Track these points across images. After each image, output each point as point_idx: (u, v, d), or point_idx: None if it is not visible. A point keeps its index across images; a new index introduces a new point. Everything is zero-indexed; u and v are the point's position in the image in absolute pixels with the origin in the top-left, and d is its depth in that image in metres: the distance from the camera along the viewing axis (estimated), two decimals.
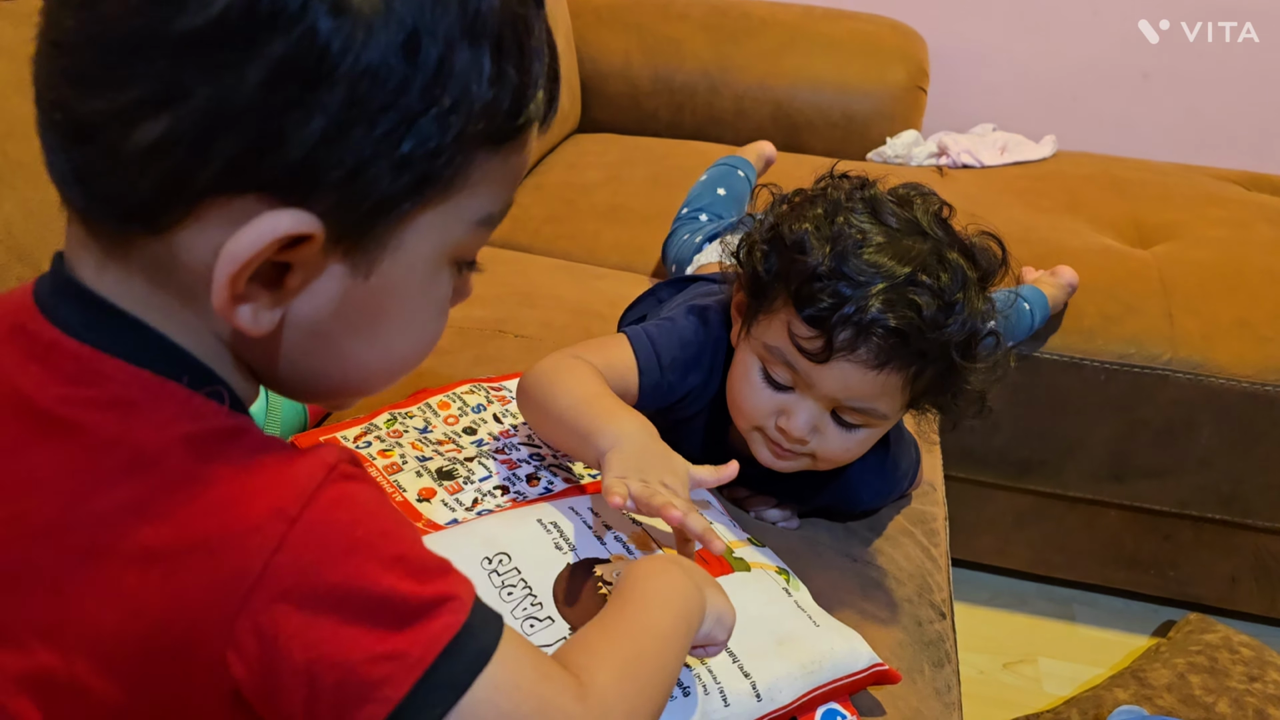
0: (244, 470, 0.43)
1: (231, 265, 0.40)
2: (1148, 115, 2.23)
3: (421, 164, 0.41)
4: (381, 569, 0.43)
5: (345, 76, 0.39)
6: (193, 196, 0.40)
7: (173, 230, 0.41)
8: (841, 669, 0.76)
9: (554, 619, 0.73)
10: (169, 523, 0.42)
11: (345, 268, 0.43)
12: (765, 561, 0.85)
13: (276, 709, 0.43)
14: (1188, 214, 1.80)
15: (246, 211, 0.40)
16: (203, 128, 0.39)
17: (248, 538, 0.41)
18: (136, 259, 0.43)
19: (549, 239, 1.64)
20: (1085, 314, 1.52)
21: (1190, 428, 1.50)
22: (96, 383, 0.43)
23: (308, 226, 0.40)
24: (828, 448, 0.88)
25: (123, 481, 0.42)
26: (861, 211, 0.85)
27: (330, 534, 0.42)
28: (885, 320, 0.79)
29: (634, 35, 2.08)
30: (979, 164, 1.98)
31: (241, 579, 0.41)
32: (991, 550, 1.70)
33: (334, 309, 0.44)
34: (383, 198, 0.41)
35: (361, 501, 0.44)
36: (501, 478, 0.88)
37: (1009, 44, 2.24)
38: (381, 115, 0.40)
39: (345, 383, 0.49)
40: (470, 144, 0.43)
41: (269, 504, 0.42)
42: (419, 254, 0.44)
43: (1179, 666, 1.46)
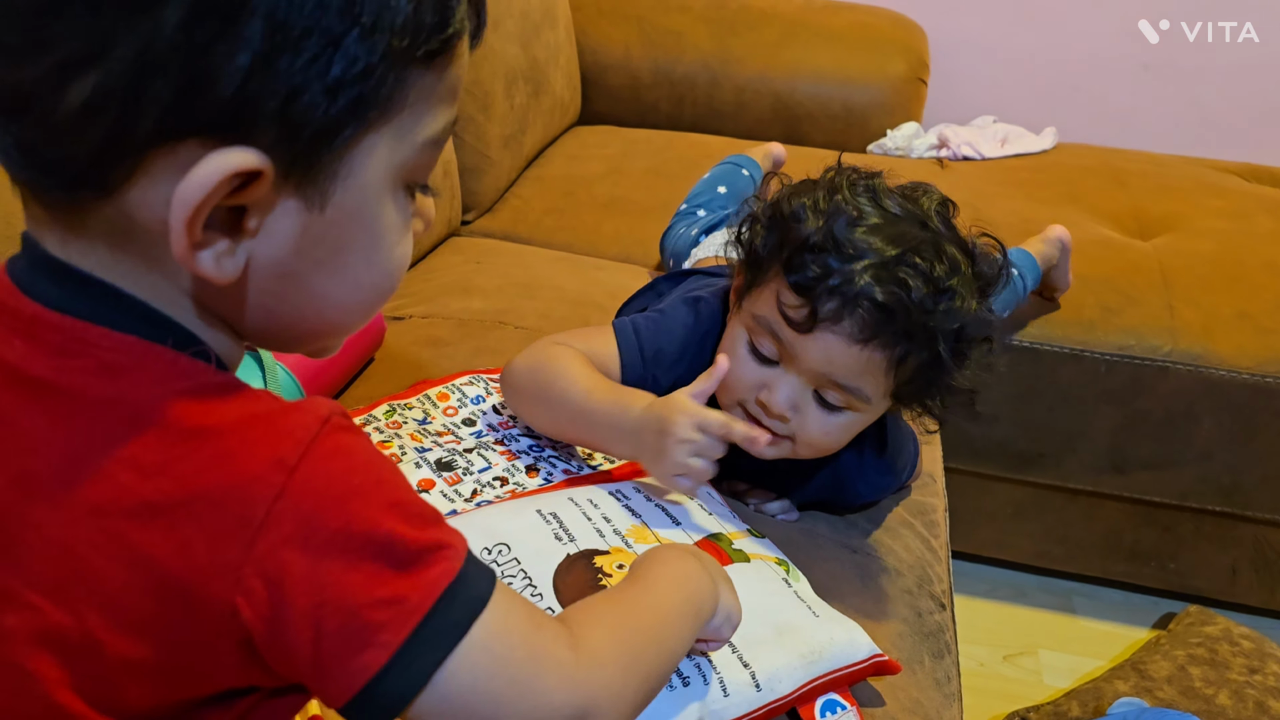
0: (240, 423, 0.43)
1: (184, 209, 0.40)
2: (1148, 107, 2.23)
3: (354, 86, 0.42)
4: (380, 514, 0.44)
5: (261, 4, 0.39)
6: (134, 151, 0.40)
7: (122, 190, 0.41)
8: (841, 659, 0.76)
9: (554, 609, 0.73)
10: (169, 476, 0.42)
11: (299, 202, 0.44)
12: (765, 553, 0.85)
13: (284, 655, 0.43)
14: (1188, 206, 1.79)
15: (191, 157, 0.40)
16: (131, 79, 0.39)
17: (249, 487, 0.42)
18: (94, 226, 0.43)
19: (549, 230, 1.64)
20: (1085, 305, 1.52)
21: (1190, 419, 1.50)
22: (84, 352, 0.44)
23: (255, 162, 0.41)
24: (807, 429, 0.87)
25: (121, 439, 0.43)
26: (863, 194, 0.85)
27: (329, 481, 0.43)
28: (872, 293, 0.79)
29: (634, 27, 2.07)
30: (979, 156, 1.98)
31: (245, 527, 0.42)
32: (991, 542, 1.70)
33: (294, 245, 0.44)
34: (322, 125, 0.42)
35: (356, 451, 0.45)
36: (500, 469, 0.88)
37: (1009, 36, 2.23)
38: (304, 40, 0.40)
39: (322, 321, 0.49)
40: (399, 62, 0.43)
41: (268, 454, 0.42)
42: (370, 179, 0.45)
43: (1179, 659, 1.46)
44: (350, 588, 0.43)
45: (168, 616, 0.43)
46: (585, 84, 2.08)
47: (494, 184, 1.69)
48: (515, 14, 1.72)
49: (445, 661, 0.45)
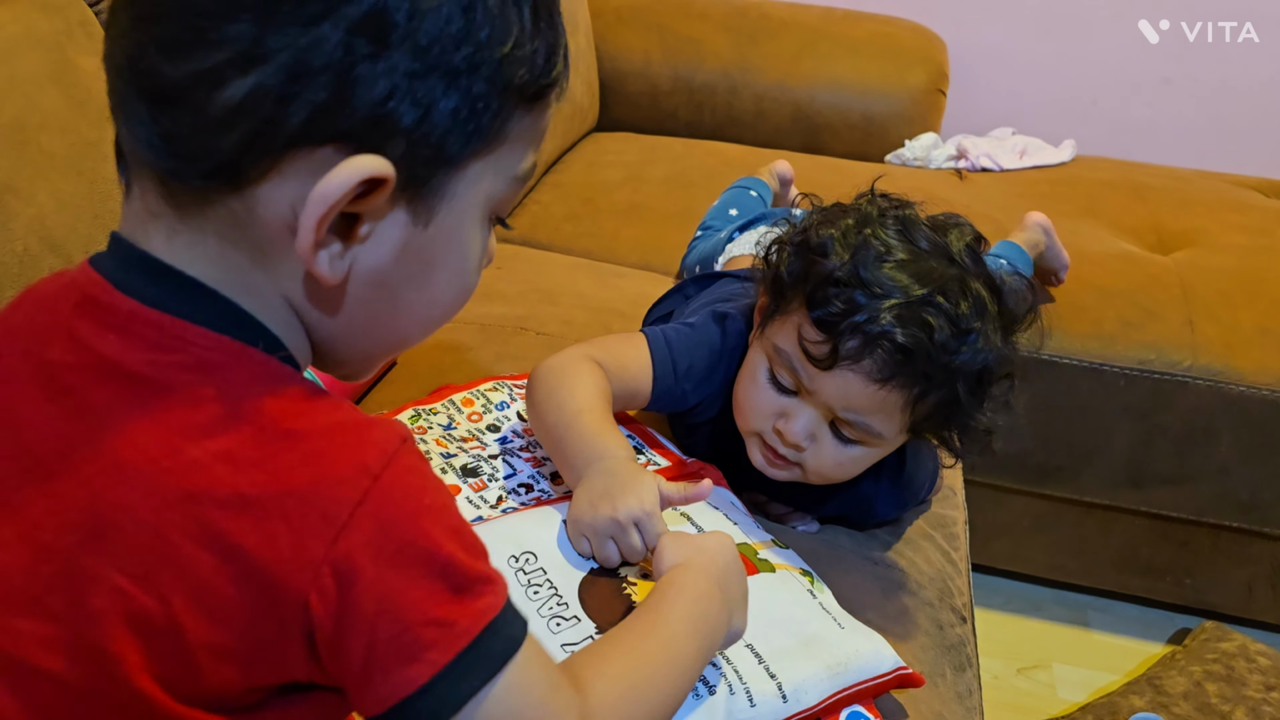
0: (330, 428, 0.46)
1: (321, 207, 0.43)
2: (1167, 120, 2.23)
3: (475, 116, 0.45)
4: (445, 536, 0.46)
5: (414, 32, 0.43)
6: (276, 150, 0.43)
7: (254, 185, 0.44)
8: (867, 671, 0.76)
9: (580, 618, 0.73)
10: (262, 471, 0.44)
11: (408, 216, 0.47)
12: (789, 563, 0.85)
13: (338, 655, 0.45)
14: (1208, 220, 1.79)
15: (326, 162, 0.43)
16: (285, 84, 0.42)
17: (337, 488, 0.44)
18: (212, 218, 0.45)
19: (569, 237, 1.64)
20: (1105, 319, 1.52)
21: (1209, 435, 1.50)
22: (180, 348, 0.46)
23: (386, 170, 0.44)
24: (821, 460, 0.87)
25: (216, 432, 0.45)
26: (892, 227, 0.84)
27: (407, 495, 0.46)
28: (894, 334, 0.78)
29: (654, 35, 2.08)
30: (998, 167, 1.98)
31: (329, 525, 0.44)
32: (1007, 555, 1.69)
33: (395, 257, 0.47)
34: (443, 146, 0.45)
35: (427, 473, 0.48)
36: (525, 475, 0.89)
37: (1029, 47, 2.23)
38: (442, 68, 0.44)
39: (395, 335, 0.52)
40: (512, 99, 0.47)
41: (355, 460, 0.45)
42: (469, 204, 0.48)
43: (1195, 674, 1.45)
44: (409, 601, 0.45)
45: (248, 604, 0.44)
46: (604, 91, 2.09)
47: None
48: None
49: (480, 691, 0.46)
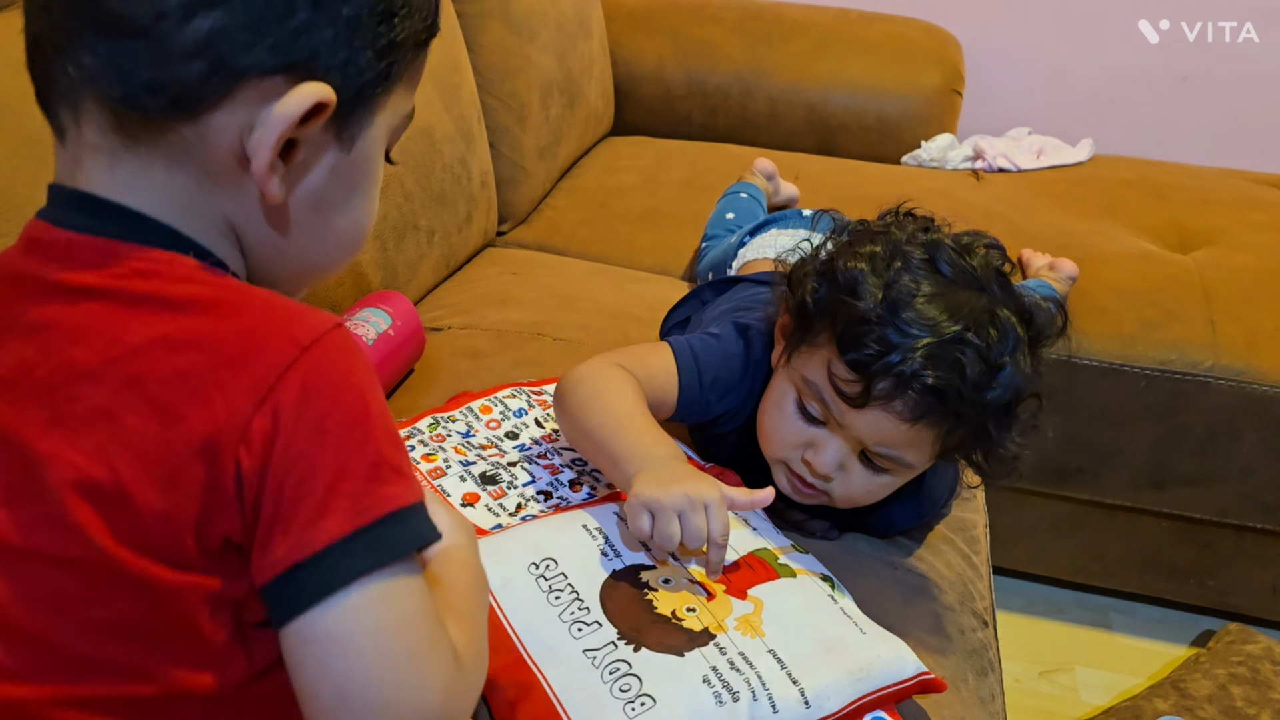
0: (262, 309, 0.50)
1: (281, 125, 0.48)
2: (1185, 119, 2.21)
3: (390, 53, 0.52)
4: (367, 413, 0.49)
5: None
6: (231, 80, 0.47)
7: (208, 112, 0.48)
8: (889, 677, 0.76)
9: (601, 623, 0.73)
10: (197, 348, 0.48)
11: (335, 143, 0.52)
12: (809, 569, 0.84)
13: (256, 507, 0.48)
14: (1228, 219, 1.78)
15: (275, 90, 0.48)
16: (246, 20, 0.47)
17: (268, 354, 0.48)
18: (162, 145, 0.49)
19: (584, 242, 1.64)
20: (1125, 320, 1.51)
21: (1232, 435, 1.48)
22: (116, 262, 0.50)
23: (330, 96, 0.49)
24: (851, 488, 0.88)
25: (155, 321, 0.49)
26: (919, 258, 0.83)
27: (334, 367, 0.49)
28: (925, 378, 0.78)
29: (668, 38, 2.08)
30: (1015, 168, 1.97)
31: (259, 387, 0.47)
32: (1028, 558, 1.68)
33: (325, 180, 0.53)
34: (368, 80, 0.51)
35: (358, 357, 0.51)
36: (544, 483, 0.88)
37: (1044, 47, 2.22)
38: (374, 14, 0.50)
39: (324, 256, 0.57)
40: (412, 43, 0.53)
41: (286, 333, 0.49)
42: (378, 133, 0.54)
43: (1220, 677, 1.44)
44: (320, 465, 0.48)
45: (188, 469, 0.47)
46: (618, 95, 2.09)
47: (529, 195, 1.70)
48: (551, 26, 1.73)
49: (371, 575, 0.48)
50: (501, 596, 0.74)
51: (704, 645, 0.72)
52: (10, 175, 0.82)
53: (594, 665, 0.71)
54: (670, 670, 0.70)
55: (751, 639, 0.74)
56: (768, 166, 1.67)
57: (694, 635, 0.73)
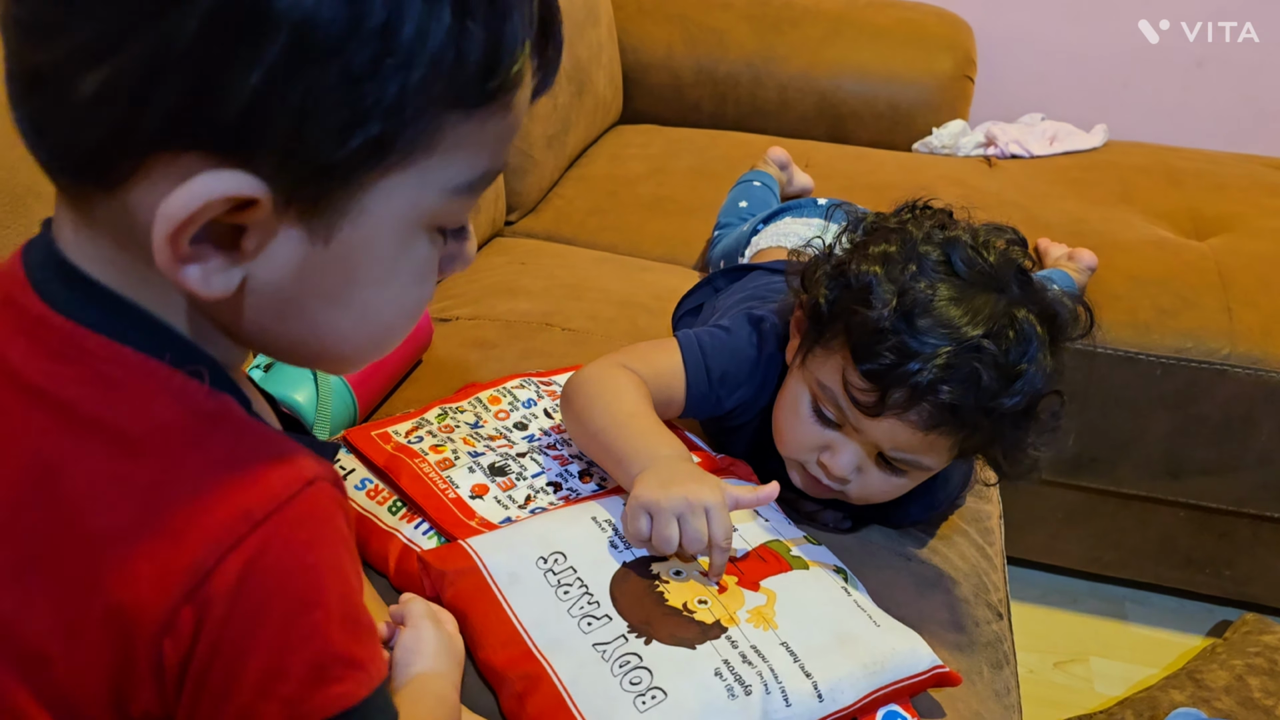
0: (219, 464, 0.43)
1: (166, 225, 0.39)
2: (1200, 104, 2.18)
3: (374, 126, 0.39)
4: (317, 604, 0.43)
5: (283, 25, 0.36)
6: (137, 151, 0.39)
7: (124, 187, 0.40)
8: (903, 670, 0.75)
9: (611, 617, 0.72)
10: (139, 503, 0.42)
11: (302, 233, 0.41)
12: (822, 561, 0.83)
13: (179, 697, 0.43)
14: (1244, 205, 1.75)
15: (190, 169, 0.39)
16: (141, 77, 0.37)
17: (212, 532, 0.41)
18: (100, 218, 0.42)
19: (593, 231, 1.63)
20: (1141, 307, 1.49)
21: (1249, 424, 1.46)
22: (80, 359, 0.43)
23: (249, 189, 0.39)
24: (868, 489, 0.87)
25: (102, 459, 0.42)
26: (934, 259, 0.81)
27: (285, 549, 0.42)
28: (941, 392, 0.77)
29: (676, 26, 2.06)
30: (1028, 154, 1.95)
31: (195, 572, 0.41)
32: (1042, 547, 1.67)
33: (295, 274, 0.42)
34: (332, 161, 0.39)
35: (327, 526, 0.44)
36: (554, 474, 0.88)
37: (1056, 31, 2.20)
38: (323, 71, 0.37)
39: (324, 350, 0.48)
40: (434, 106, 0.40)
41: (237, 504, 0.42)
42: (385, 221, 0.42)
43: (1237, 668, 1.42)
44: (253, 662, 0.42)
45: (107, 638, 0.42)
46: (627, 83, 2.07)
47: (537, 184, 1.69)
48: None
49: None
50: (510, 592, 0.74)
51: (716, 638, 0.71)
52: (12, 165, 0.81)
53: (604, 659, 0.70)
54: (682, 663, 0.69)
55: (764, 631, 0.73)
56: (781, 156, 1.65)
57: (706, 628, 0.72)
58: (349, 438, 0.90)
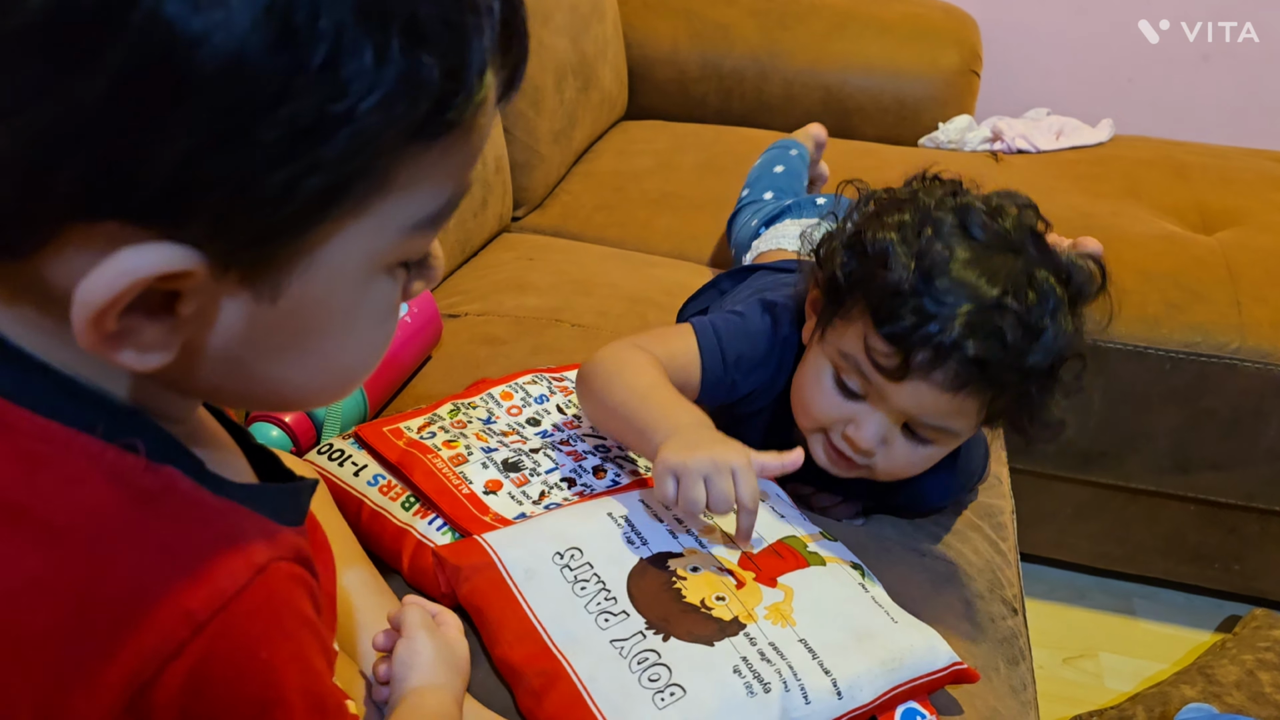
0: (158, 553, 0.38)
1: (87, 310, 0.34)
2: (1206, 98, 2.18)
3: (319, 178, 0.34)
4: (277, 702, 0.40)
5: (205, 82, 0.32)
6: (46, 222, 0.34)
7: (36, 257, 0.36)
8: (921, 667, 0.75)
9: (629, 613, 0.72)
10: (66, 610, 0.37)
11: (245, 294, 0.37)
12: (839, 556, 0.83)
13: None
14: (1252, 199, 1.75)
15: (110, 240, 0.34)
16: (40, 149, 0.32)
17: (148, 636, 0.37)
18: (17, 285, 0.38)
19: (600, 227, 1.63)
20: (1150, 302, 1.48)
21: (1259, 418, 1.46)
22: (2, 435, 0.38)
23: (178, 262, 0.34)
24: (893, 461, 0.86)
25: (30, 555, 0.37)
26: (950, 223, 0.81)
27: (235, 650, 0.39)
28: (966, 348, 0.77)
29: (682, 21, 2.05)
30: (1034, 149, 1.94)
31: (130, 682, 0.37)
32: (1050, 543, 1.66)
33: (241, 335, 0.38)
34: (273, 221, 0.35)
35: (280, 614, 0.41)
36: (567, 470, 0.87)
37: (1062, 26, 2.19)
38: (253, 130, 0.33)
39: (283, 401, 0.44)
40: (388, 146, 0.36)
41: (177, 604, 0.38)
42: (340, 270, 0.38)
43: (1248, 663, 1.42)
44: None
45: None
46: (632, 78, 2.07)
47: (544, 179, 1.68)
48: (565, 8, 1.71)
49: None
50: (526, 587, 0.73)
51: (734, 635, 0.71)
52: None
53: (621, 655, 0.69)
54: (700, 660, 0.69)
55: (782, 628, 0.72)
56: (821, 135, 1.64)
57: (724, 624, 0.72)
58: (361, 434, 0.89)
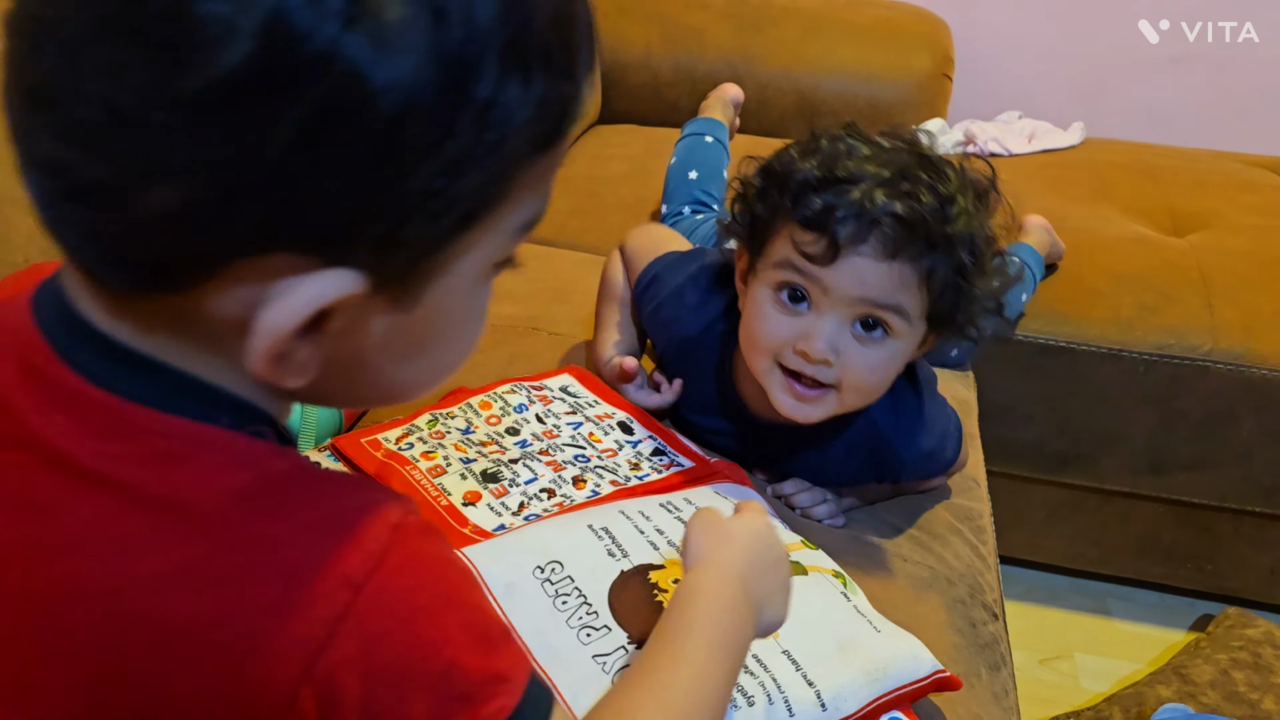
0: (305, 529, 0.40)
1: (269, 339, 0.37)
2: (1176, 101, 2.20)
3: (465, 201, 0.38)
4: (445, 639, 0.42)
5: (383, 124, 0.34)
6: (218, 259, 0.37)
7: (197, 291, 0.38)
8: (905, 676, 0.74)
9: (610, 628, 0.71)
10: (228, 587, 0.39)
11: (388, 306, 0.40)
12: (821, 564, 0.82)
13: None
14: (1222, 201, 1.77)
15: (279, 269, 0.37)
16: (223, 194, 0.35)
17: (313, 606, 0.39)
18: (158, 314, 0.40)
19: (574, 233, 1.61)
20: (1123, 304, 1.50)
21: (1231, 420, 1.48)
22: (132, 435, 0.40)
23: (350, 286, 0.37)
24: (851, 371, 0.86)
25: (175, 544, 0.39)
26: (845, 135, 0.87)
27: (396, 601, 0.41)
28: (891, 208, 0.80)
29: (655, 25, 2.05)
30: (1007, 152, 1.95)
31: (307, 647, 0.39)
32: (1026, 544, 1.67)
33: (376, 342, 0.41)
34: (423, 242, 0.39)
35: (427, 562, 0.43)
36: (547, 480, 0.86)
37: (1034, 30, 2.20)
38: (422, 163, 0.36)
39: (388, 398, 0.47)
40: (521, 163, 0.40)
41: (336, 570, 0.39)
42: (464, 276, 0.42)
43: (1222, 663, 1.43)
44: (412, 714, 0.41)
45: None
46: (605, 83, 2.06)
47: None
48: None
49: None
50: (507, 603, 0.72)
51: None
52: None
53: (604, 670, 0.69)
54: None
55: (765, 640, 0.72)
56: (739, 96, 1.67)
57: None
58: (338, 445, 0.88)
